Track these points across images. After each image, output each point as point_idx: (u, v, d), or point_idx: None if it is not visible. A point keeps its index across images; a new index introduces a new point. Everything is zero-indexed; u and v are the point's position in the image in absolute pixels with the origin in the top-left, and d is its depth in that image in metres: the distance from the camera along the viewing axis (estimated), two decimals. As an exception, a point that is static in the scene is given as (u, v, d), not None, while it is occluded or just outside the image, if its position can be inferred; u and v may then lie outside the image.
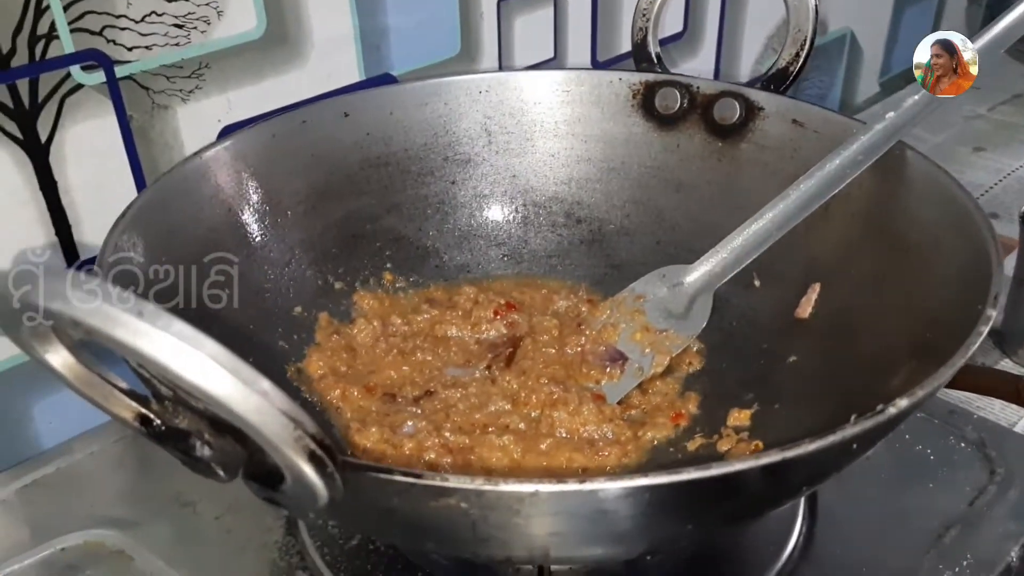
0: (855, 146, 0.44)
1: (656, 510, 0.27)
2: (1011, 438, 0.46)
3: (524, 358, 0.46)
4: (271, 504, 0.26)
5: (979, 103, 1.19)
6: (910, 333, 0.37)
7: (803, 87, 1.08)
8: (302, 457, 0.23)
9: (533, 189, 0.54)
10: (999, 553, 0.40)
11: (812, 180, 0.44)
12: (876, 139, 0.43)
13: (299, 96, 0.62)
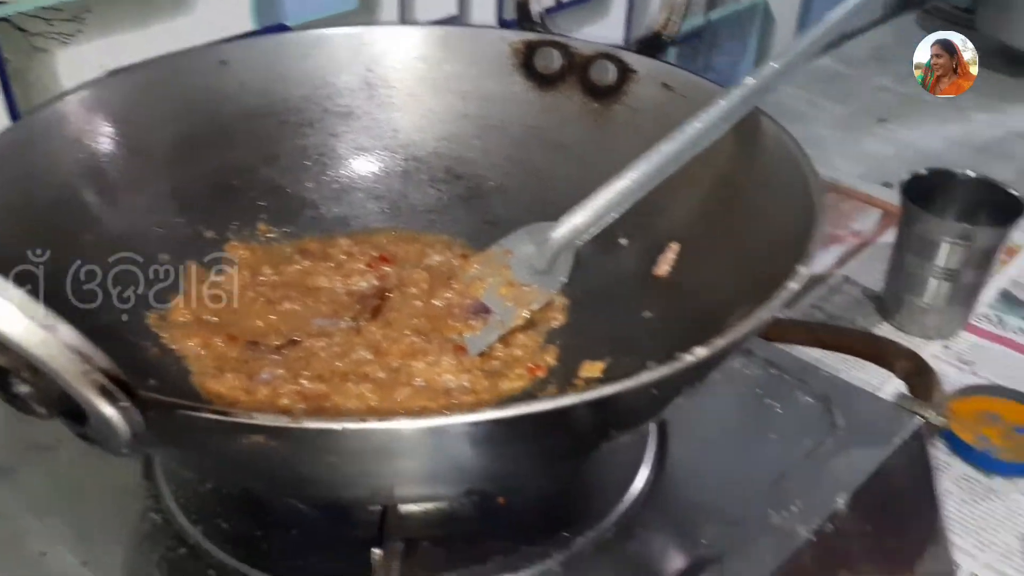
0: (714, 111, 0.45)
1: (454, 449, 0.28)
2: (854, 394, 0.49)
3: (391, 310, 0.47)
4: (85, 441, 0.27)
5: (887, 75, 1.22)
6: (749, 290, 0.39)
7: (715, 54, 1.10)
8: (92, 391, 0.23)
9: (414, 144, 0.55)
10: (826, 500, 0.42)
11: (673, 142, 0.45)
12: (735, 104, 0.45)
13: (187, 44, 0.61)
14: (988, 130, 1.09)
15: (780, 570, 0.40)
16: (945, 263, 0.72)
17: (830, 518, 0.42)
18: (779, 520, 0.42)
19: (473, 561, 0.39)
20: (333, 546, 0.40)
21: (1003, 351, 0.75)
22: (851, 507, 0.43)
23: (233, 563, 0.38)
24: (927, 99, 1.16)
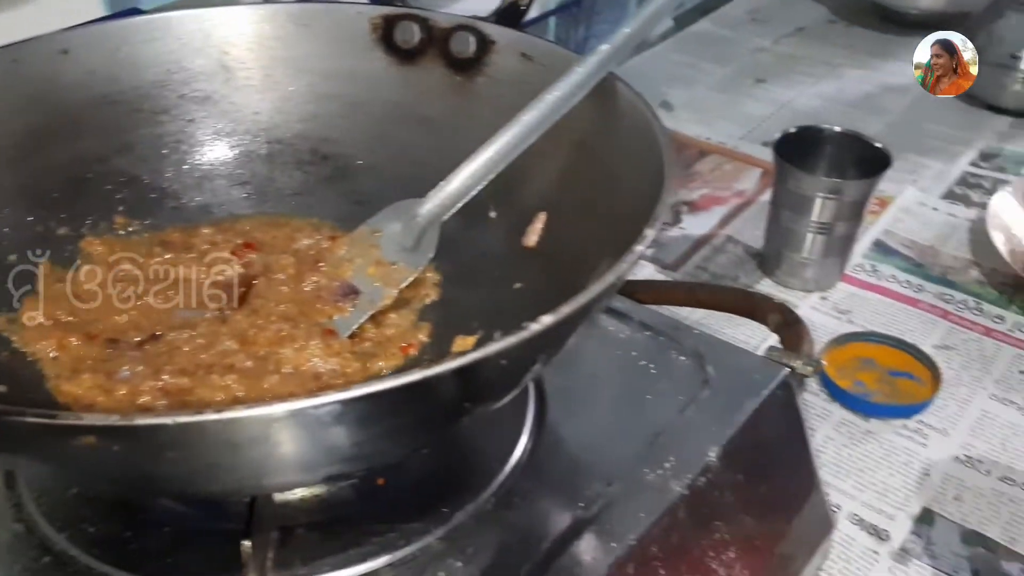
0: (572, 78, 0.45)
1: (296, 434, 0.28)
2: (724, 350, 0.50)
3: (257, 297, 0.46)
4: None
5: (765, 36, 1.25)
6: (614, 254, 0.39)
7: (595, 21, 1.10)
8: None
9: (276, 126, 0.53)
10: (698, 455, 0.43)
11: (532, 112, 0.45)
12: (591, 71, 0.45)
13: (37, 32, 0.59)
14: (860, 86, 1.12)
15: (655, 526, 0.41)
16: (818, 217, 0.74)
17: (703, 471, 0.43)
18: (654, 477, 0.43)
19: (352, 544, 0.39)
20: (206, 541, 0.39)
21: (878, 299, 0.78)
22: (722, 459, 0.44)
23: (100, 567, 0.37)
24: (802, 57, 1.20)
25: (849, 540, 0.58)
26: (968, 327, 0.75)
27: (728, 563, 0.44)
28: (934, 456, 0.64)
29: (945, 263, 0.82)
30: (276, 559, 0.37)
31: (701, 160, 0.98)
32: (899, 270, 0.81)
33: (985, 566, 0.56)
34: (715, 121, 1.05)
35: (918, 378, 0.69)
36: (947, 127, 1.03)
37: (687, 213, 0.89)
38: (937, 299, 0.78)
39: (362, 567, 0.38)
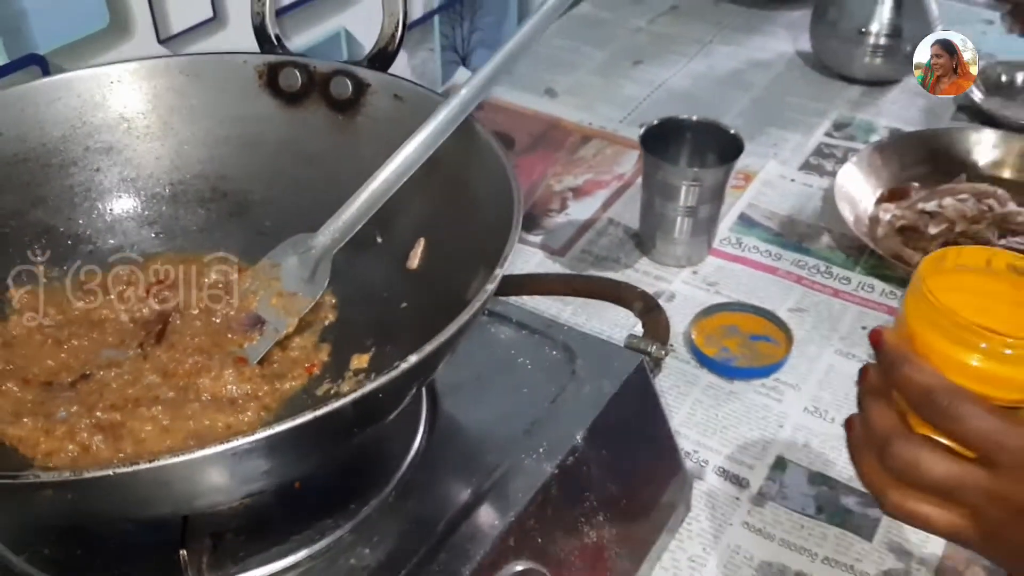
0: (437, 120, 0.51)
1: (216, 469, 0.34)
2: (590, 343, 0.58)
3: (174, 332, 0.52)
4: None
5: (641, 16, 1.32)
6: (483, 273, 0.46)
7: (479, 16, 1.16)
8: None
9: (177, 168, 0.59)
10: (566, 438, 0.51)
11: (406, 149, 0.51)
12: (454, 113, 0.51)
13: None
14: (728, 62, 1.21)
15: (532, 503, 0.49)
16: (684, 202, 0.83)
17: (570, 452, 0.51)
18: (530, 462, 0.50)
19: (275, 543, 0.46)
20: (147, 553, 0.45)
21: (741, 269, 0.87)
22: (587, 440, 0.52)
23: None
24: (676, 36, 1.28)
25: (715, 490, 0.67)
26: (819, 290, 0.85)
27: (598, 525, 0.52)
28: (787, 410, 0.73)
29: (800, 231, 0.92)
30: (210, 562, 0.44)
31: (584, 146, 1.05)
32: (761, 241, 0.91)
33: (828, 502, 0.66)
34: (596, 105, 1.12)
35: (774, 340, 0.79)
36: (805, 99, 1.13)
37: (572, 199, 0.97)
38: (793, 265, 0.87)
39: (285, 561, 0.45)
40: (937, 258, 0.45)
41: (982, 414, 0.40)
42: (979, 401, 0.41)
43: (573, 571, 0.50)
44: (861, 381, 0.46)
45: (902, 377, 0.43)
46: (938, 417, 0.41)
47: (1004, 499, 0.40)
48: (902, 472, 0.42)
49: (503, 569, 0.46)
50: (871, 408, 0.45)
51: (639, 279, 0.86)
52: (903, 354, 0.43)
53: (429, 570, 0.45)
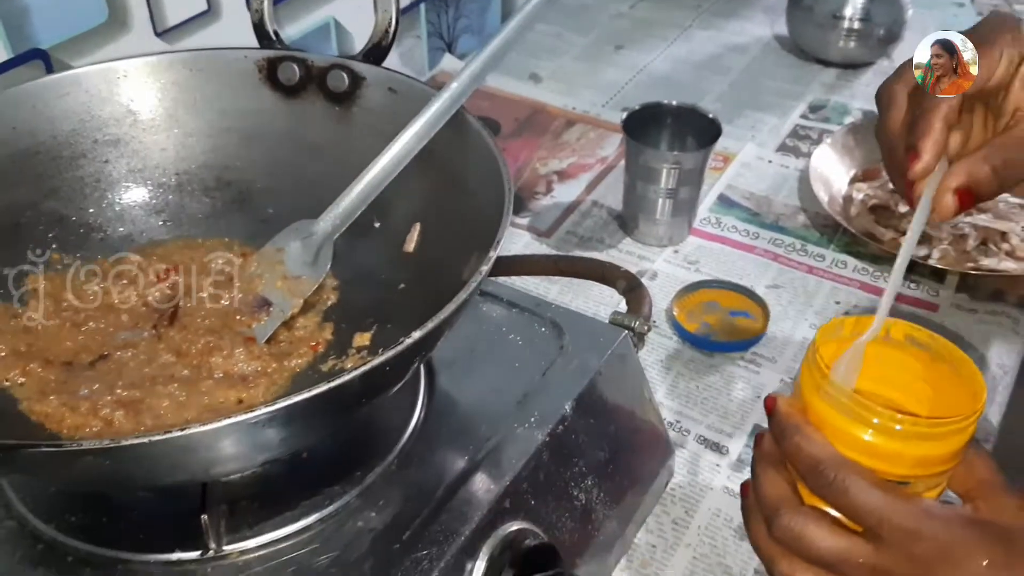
0: (430, 112, 0.54)
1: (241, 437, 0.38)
2: (577, 319, 0.61)
3: (185, 315, 0.55)
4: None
5: (622, 2, 1.35)
6: (476, 256, 0.50)
7: (464, 2, 1.18)
8: (-46, 452, 0.31)
9: (182, 159, 0.62)
10: (556, 408, 0.55)
11: (402, 139, 0.54)
12: (445, 105, 0.55)
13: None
14: (706, 47, 1.24)
15: (525, 468, 0.52)
16: (665, 184, 0.86)
17: (560, 421, 0.55)
18: (522, 430, 0.54)
19: (287, 508, 0.49)
20: (169, 518, 0.49)
21: (721, 248, 0.91)
22: (576, 410, 0.55)
23: (88, 548, 0.47)
24: (656, 21, 1.31)
25: (696, 457, 0.71)
26: (795, 267, 0.89)
27: (587, 489, 0.56)
28: (765, 381, 0.77)
29: (777, 211, 0.96)
30: (227, 527, 0.47)
31: (569, 130, 1.09)
32: (739, 220, 0.94)
33: (802, 466, 0.70)
34: (580, 90, 1.15)
35: (752, 315, 0.82)
36: (782, 82, 1.16)
37: (558, 182, 1.00)
38: (770, 244, 0.91)
39: (296, 525, 0.49)
40: (834, 327, 0.45)
41: (869, 488, 0.40)
42: (867, 475, 0.41)
43: (564, 531, 0.54)
44: (756, 447, 0.46)
45: (792, 446, 0.42)
46: (825, 489, 0.41)
47: (886, 574, 0.40)
48: (788, 542, 0.42)
49: (499, 529, 0.50)
50: (762, 475, 0.44)
51: (623, 259, 0.89)
52: (794, 423, 0.42)
53: (431, 531, 0.48)
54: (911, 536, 0.39)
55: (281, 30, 0.61)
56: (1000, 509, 0.42)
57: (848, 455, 0.41)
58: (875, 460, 0.41)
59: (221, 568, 0.47)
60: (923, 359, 0.45)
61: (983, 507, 0.42)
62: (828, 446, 0.41)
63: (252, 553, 0.47)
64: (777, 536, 0.42)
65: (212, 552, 0.47)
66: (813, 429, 0.42)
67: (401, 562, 0.47)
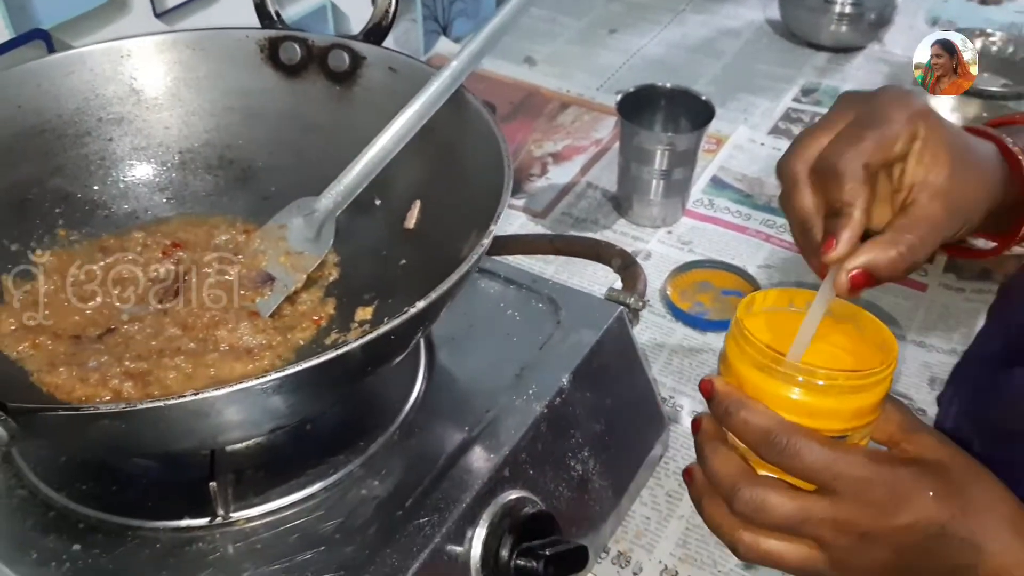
0: (431, 90, 0.55)
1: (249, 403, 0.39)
2: (573, 295, 0.63)
3: (190, 290, 0.56)
4: (-32, 447, 0.36)
5: (616, -14, 1.36)
6: (475, 232, 0.51)
7: (460, -15, 1.19)
8: (-23, 415, 0.32)
9: (185, 138, 0.63)
10: (553, 381, 0.56)
11: (403, 118, 0.55)
12: (445, 84, 0.55)
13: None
14: (700, 30, 1.25)
15: (523, 438, 0.53)
16: (658, 165, 0.87)
17: (558, 393, 0.56)
18: (521, 402, 0.55)
19: (292, 477, 0.51)
20: (178, 486, 0.50)
21: (714, 229, 0.93)
22: (572, 383, 0.57)
23: (98, 515, 0.48)
24: (649, 5, 1.32)
25: (689, 432, 0.72)
26: (786, 247, 0.90)
27: (583, 460, 0.58)
28: (756, 358, 0.79)
29: (769, 192, 0.97)
30: (235, 494, 0.49)
31: (563, 112, 1.10)
32: (732, 202, 0.96)
33: (793, 441, 0.72)
34: (574, 73, 1.16)
35: (744, 295, 0.83)
36: (774, 66, 1.18)
37: (552, 164, 1.01)
38: (762, 225, 0.93)
39: (302, 493, 0.50)
40: (747, 302, 0.47)
41: (818, 447, 0.42)
42: (814, 435, 0.42)
43: (561, 500, 0.55)
44: (696, 431, 0.47)
45: (739, 422, 0.43)
46: (777, 456, 0.42)
47: (847, 524, 0.42)
48: (751, 515, 0.43)
49: (498, 497, 0.51)
50: (712, 456, 0.45)
51: (617, 239, 0.91)
52: (737, 399, 0.43)
53: (432, 498, 0.50)
54: (863, 484, 0.42)
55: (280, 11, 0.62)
56: (924, 447, 0.45)
57: (790, 419, 0.43)
58: (815, 419, 0.43)
59: (229, 534, 0.48)
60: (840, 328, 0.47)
61: (909, 448, 0.45)
62: (774, 415, 0.43)
63: (259, 520, 0.49)
64: (739, 510, 0.44)
65: (220, 519, 0.48)
66: (755, 402, 0.43)
67: (404, 528, 0.48)
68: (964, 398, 0.60)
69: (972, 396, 0.59)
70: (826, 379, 0.42)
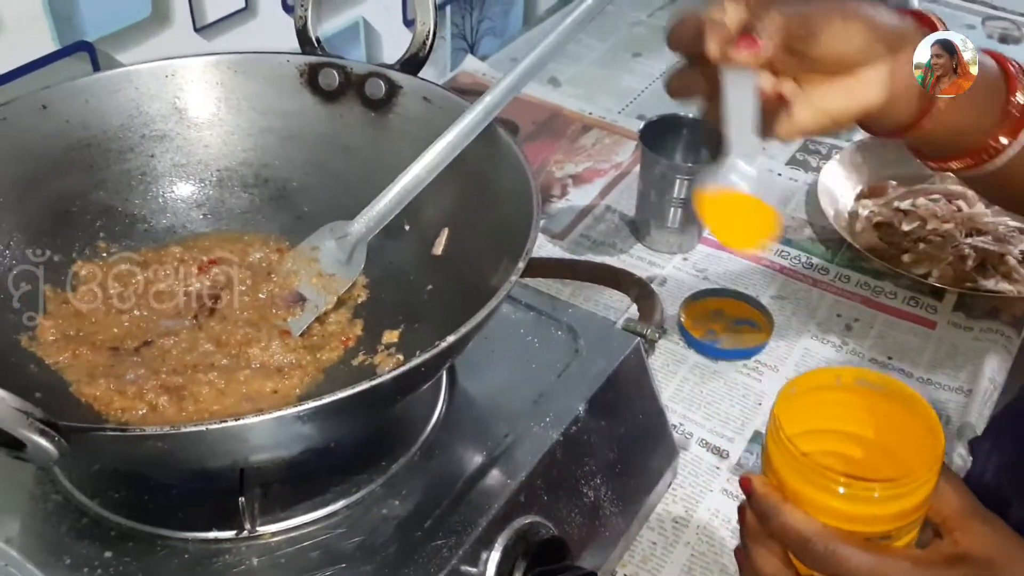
0: (465, 123, 0.57)
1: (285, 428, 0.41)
2: (592, 323, 0.64)
3: (224, 306, 0.58)
4: (19, 460, 0.38)
5: (641, 9, 1.38)
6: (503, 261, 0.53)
7: (488, 5, 1.21)
8: (34, 433, 0.34)
9: (224, 156, 0.65)
10: (570, 409, 0.58)
11: (437, 148, 0.57)
12: (479, 117, 0.57)
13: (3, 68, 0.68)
14: (723, 58, 1.27)
15: (539, 464, 0.55)
16: (677, 194, 0.89)
17: (574, 421, 0.58)
18: (538, 429, 0.57)
19: (316, 494, 0.53)
20: (207, 498, 0.52)
21: (729, 257, 0.94)
22: (588, 411, 0.59)
23: (129, 524, 0.50)
24: (674, 30, 1.33)
25: (698, 459, 0.74)
26: (800, 279, 0.92)
27: (596, 487, 0.59)
28: (766, 388, 0.81)
29: (784, 223, 0.99)
30: (261, 509, 0.51)
31: (585, 134, 1.11)
32: (747, 231, 0.97)
33: (799, 472, 0.73)
34: (597, 96, 1.18)
35: (757, 324, 0.86)
36: (795, 96, 1.19)
37: (572, 186, 1.03)
38: (776, 256, 0.94)
39: (325, 510, 0.52)
40: (787, 390, 0.46)
41: (859, 553, 0.42)
42: (853, 540, 0.43)
43: (573, 526, 0.57)
44: (741, 521, 0.48)
45: (778, 526, 0.44)
46: (819, 562, 0.43)
47: None
48: None
49: (514, 521, 0.53)
50: (755, 551, 0.46)
51: (634, 264, 0.92)
52: (774, 504, 0.44)
53: (450, 520, 0.52)
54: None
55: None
56: (977, 538, 0.44)
57: (830, 523, 0.43)
58: (855, 524, 0.43)
59: (254, 547, 0.50)
60: (877, 399, 0.47)
61: (961, 539, 0.45)
62: (812, 520, 0.43)
63: (283, 535, 0.51)
64: None
65: (247, 532, 0.50)
66: (792, 507, 0.44)
67: (422, 549, 0.50)
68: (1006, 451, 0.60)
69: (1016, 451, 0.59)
70: (863, 491, 0.42)
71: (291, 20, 0.64)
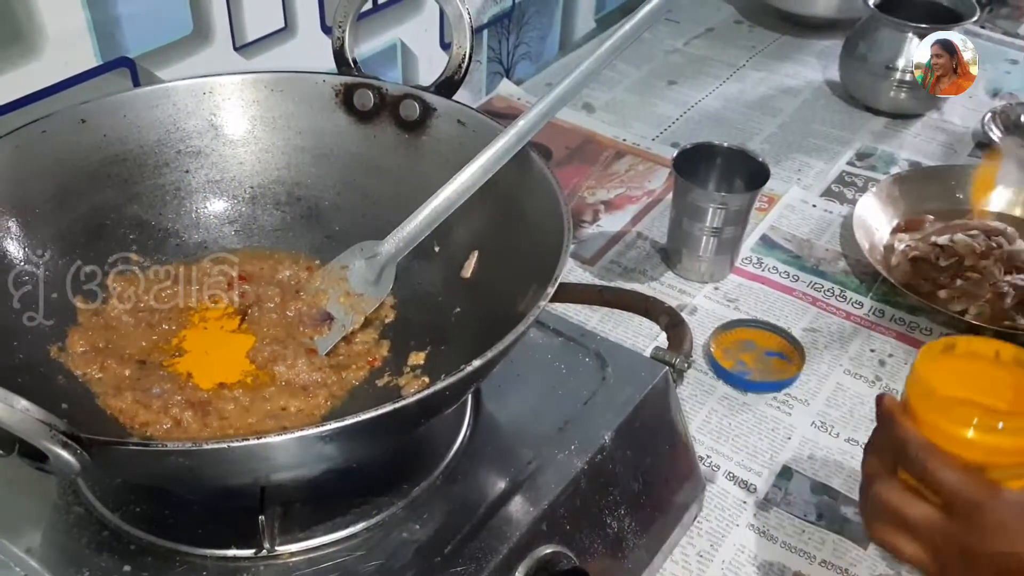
0: (498, 146, 0.57)
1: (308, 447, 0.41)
2: (620, 352, 0.64)
3: (252, 323, 0.58)
4: (43, 472, 0.38)
5: (677, 38, 1.38)
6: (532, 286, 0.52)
7: (525, 30, 1.22)
8: (57, 446, 0.34)
9: (257, 173, 0.65)
10: (595, 438, 0.57)
11: (469, 171, 0.57)
12: (511, 141, 0.57)
13: (41, 85, 0.69)
14: (758, 88, 1.26)
15: (563, 493, 0.55)
16: (710, 223, 0.88)
17: (599, 451, 0.57)
18: (563, 457, 0.56)
19: (336, 515, 0.52)
20: (227, 515, 0.52)
21: (761, 288, 0.93)
22: (614, 440, 0.58)
23: (149, 538, 0.50)
24: (710, 59, 1.33)
25: (724, 493, 0.73)
26: (833, 312, 0.90)
27: (620, 518, 0.58)
28: (796, 422, 0.79)
29: (818, 255, 0.97)
30: (281, 528, 0.50)
31: (618, 161, 1.11)
32: (780, 262, 0.96)
33: (828, 510, 0.72)
34: (631, 123, 1.18)
35: (788, 357, 0.84)
36: (830, 127, 1.18)
37: (604, 212, 1.03)
38: (809, 288, 0.93)
39: (345, 532, 0.51)
40: (935, 346, 0.53)
41: (945, 467, 0.48)
42: (945, 456, 0.49)
43: (595, 557, 0.56)
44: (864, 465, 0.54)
45: (889, 434, 0.52)
46: (910, 465, 0.50)
47: (954, 541, 0.48)
48: (881, 508, 0.51)
49: (535, 551, 0.52)
50: (865, 457, 0.54)
51: (664, 292, 0.92)
52: (891, 415, 0.52)
53: (471, 547, 0.51)
54: (976, 508, 0.47)
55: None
56: None
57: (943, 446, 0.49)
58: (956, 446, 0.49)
59: (272, 567, 0.50)
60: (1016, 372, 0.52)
61: None
62: (914, 431, 0.50)
63: (302, 555, 0.50)
64: (872, 502, 0.51)
65: (265, 551, 0.50)
66: (905, 418, 0.51)
67: (442, 575, 0.49)
68: None
69: None
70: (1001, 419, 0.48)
71: (329, 41, 0.64)
